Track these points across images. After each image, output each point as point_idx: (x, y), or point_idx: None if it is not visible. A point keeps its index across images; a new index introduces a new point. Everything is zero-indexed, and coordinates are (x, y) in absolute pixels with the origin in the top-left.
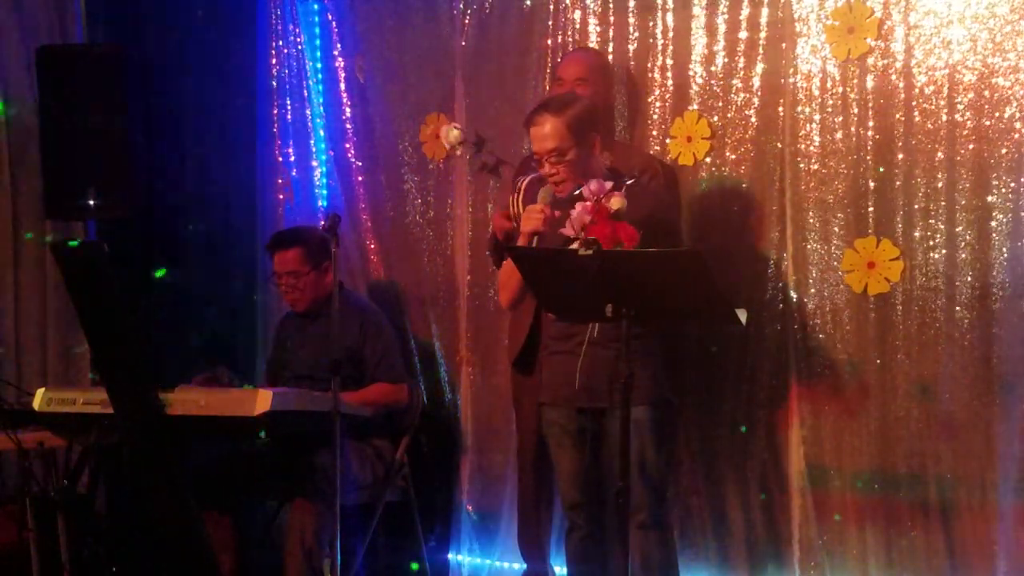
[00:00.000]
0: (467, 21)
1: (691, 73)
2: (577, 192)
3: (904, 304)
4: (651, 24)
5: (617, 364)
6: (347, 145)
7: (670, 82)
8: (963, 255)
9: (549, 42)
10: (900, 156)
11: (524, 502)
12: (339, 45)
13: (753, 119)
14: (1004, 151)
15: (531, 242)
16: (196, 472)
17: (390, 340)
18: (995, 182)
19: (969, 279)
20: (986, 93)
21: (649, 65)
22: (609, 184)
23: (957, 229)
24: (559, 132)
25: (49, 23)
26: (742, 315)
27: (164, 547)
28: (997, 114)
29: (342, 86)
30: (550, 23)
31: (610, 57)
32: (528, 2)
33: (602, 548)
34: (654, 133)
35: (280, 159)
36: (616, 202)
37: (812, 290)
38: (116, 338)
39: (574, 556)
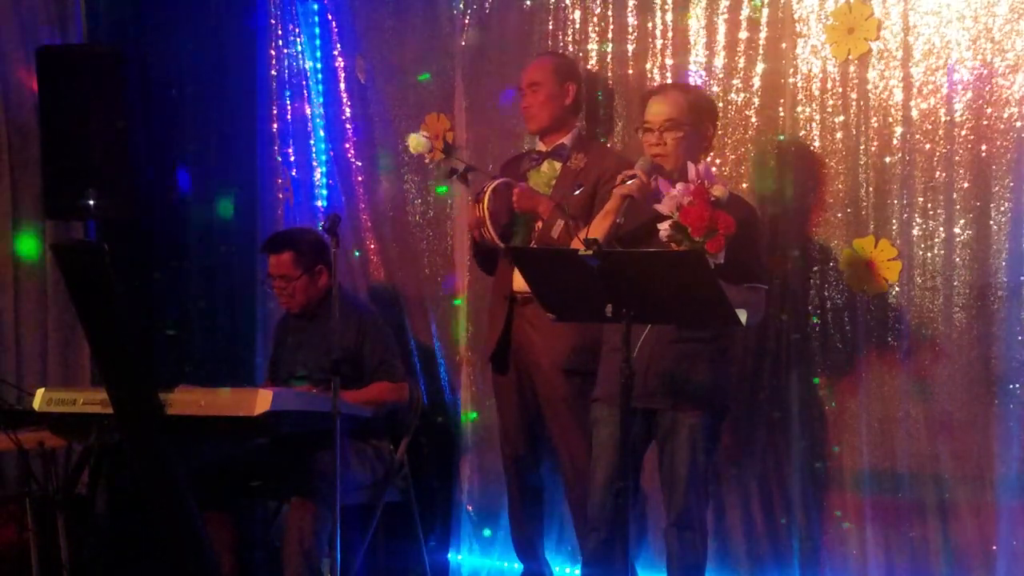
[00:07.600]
0: (467, 21)
1: (690, 73)
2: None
3: (903, 304)
4: (650, 24)
5: (674, 366)
6: (347, 145)
7: (669, 82)
8: (961, 255)
9: (549, 42)
10: (899, 156)
11: (511, 501)
12: (339, 45)
13: (753, 119)
14: (1003, 150)
15: (622, 207)
16: (196, 472)
17: (389, 340)
18: (994, 182)
19: (967, 279)
20: (986, 93)
21: (649, 65)
22: (715, 171)
23: (955, 229)
24: (679, 105)
25: (49, 23)
26: (742, 315)
27: (164, 547)
28: (996, 114)
29: (342, 86)
30: (550, 23)
31: (609, 57)
32: (528, 2)
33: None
34: None
35: (280, 159)
36: (718, 190)
37: (811, 290)
38: (116, 338)
39: (591, 558)
